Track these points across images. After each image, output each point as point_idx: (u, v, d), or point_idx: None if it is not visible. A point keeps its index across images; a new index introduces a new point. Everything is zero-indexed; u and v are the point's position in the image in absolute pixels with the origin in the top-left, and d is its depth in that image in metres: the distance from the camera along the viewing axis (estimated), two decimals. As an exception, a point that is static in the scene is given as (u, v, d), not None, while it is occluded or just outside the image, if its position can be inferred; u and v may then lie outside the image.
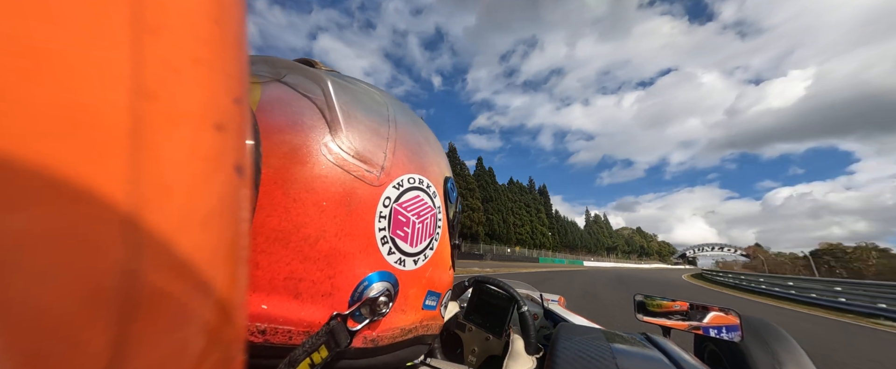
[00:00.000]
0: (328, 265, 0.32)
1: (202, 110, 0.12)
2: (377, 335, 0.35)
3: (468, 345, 0.83)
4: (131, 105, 0.10)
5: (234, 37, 0.14)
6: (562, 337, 0.56)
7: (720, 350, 1.20)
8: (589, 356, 0.48)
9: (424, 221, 0.39)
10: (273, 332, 0.30)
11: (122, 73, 0.10)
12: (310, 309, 0.31)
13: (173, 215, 0.11)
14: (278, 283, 0.30)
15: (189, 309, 0.12)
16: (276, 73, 0.37)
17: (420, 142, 0.43)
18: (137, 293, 0.10)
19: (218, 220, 0.13)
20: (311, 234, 0.31)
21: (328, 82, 0.36)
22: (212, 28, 0.13)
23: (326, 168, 0.33)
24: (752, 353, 1.07)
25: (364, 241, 0.34)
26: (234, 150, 0.14)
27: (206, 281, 0.12)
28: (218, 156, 0.13)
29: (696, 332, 1.05)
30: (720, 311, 1.04)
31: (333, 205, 0.32)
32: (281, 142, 0.32)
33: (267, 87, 0.35)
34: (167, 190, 0.11)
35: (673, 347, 0.58)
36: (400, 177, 0.37)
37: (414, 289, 0.39)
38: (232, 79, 0.14)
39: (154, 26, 0.11)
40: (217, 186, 0.13)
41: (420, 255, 0.39)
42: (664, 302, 1.15)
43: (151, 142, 0.10)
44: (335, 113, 0.34)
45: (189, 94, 0.12)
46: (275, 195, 0.31)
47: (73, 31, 0.09)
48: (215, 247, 0.13)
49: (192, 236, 0.12)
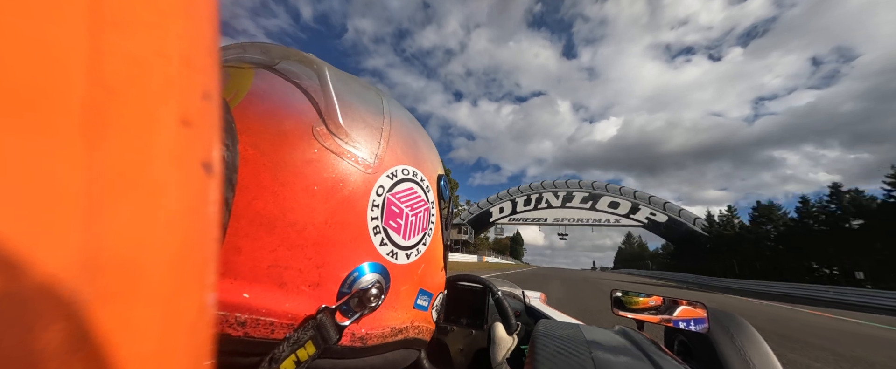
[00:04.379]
0: (317, 253, 0.30)
1: (166, 105, 0.12)
2: (366, 333, 0.33)
3: (454, 345, 0.82)
4: (88, 98, 0.10)
5: (202, 29, 0.13)
6: (541, 332, 0.58)
7: (689, 340, 1.26)
8: (567, 351, 0.49)
9: (418, 215, 0.39)
10: (254, 324, 0.28)
11: (77, 65, 0.09)
12: (295, 300, 0.29)
13: (136, 217, 0.11)
14: (262, 271, 0.28)
15: (151, 311, 0.11)
16: (270, 59, 0.36)
17: (415, 138, 0.42)
18: (96, 296, 0.10)
19: (184, 220, 0.12)
20: (299, 220, 0.30)
21: (325, 70, 0.35)
22: (178, 20, 0.12)
23: (318, 152, 0.32)
24: (719, 343, 1.13)
25: (355, 230, 0.33)
26: (201, 147, 0.13)
27: (170, 282, 0.12)
28: (183, 153, 0.12)
29: (667, 325, 1.10)
30: (689, 305, 1.10)
31: (324, 191, 0.31)
32: (271, 126, 0.31)
33: (259, 72, 0.34)
34: (127, 188, 0.11)
35: (645, 339, 0.61)
36: (394, 167, 0.37)
37: (406, 286, 0.37)
38: (200, 73, 0.13)
39: (114, 17, 0.10)
40: (183, 185, 0.12)
41: (413, 250, 0.38)
42: (639, 298, 1.20)
43: (109, 137, 0.10)
44: (331, 99, 0.34)
45: (151, 88, 0.11)
46: (262, 177, 0.29)
47: (25, 20, 0.09)
48: (181, 247, 0.12)
49: (156, 237, 0.11)
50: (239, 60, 0.36)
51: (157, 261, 0.11)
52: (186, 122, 0.12)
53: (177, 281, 0.12)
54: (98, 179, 0.10)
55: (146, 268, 0.11)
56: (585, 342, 0.53)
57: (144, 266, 0.11)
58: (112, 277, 0.10)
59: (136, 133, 0.11)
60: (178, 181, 0.12)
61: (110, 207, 0.10)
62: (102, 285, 0.10)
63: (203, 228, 0.14)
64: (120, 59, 0.10)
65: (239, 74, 0.34)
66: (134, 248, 0.11)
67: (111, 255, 0.10)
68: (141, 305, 0.11)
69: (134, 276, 0.11)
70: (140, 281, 0.11)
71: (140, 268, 0.11)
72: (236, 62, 0.35)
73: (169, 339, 0.12)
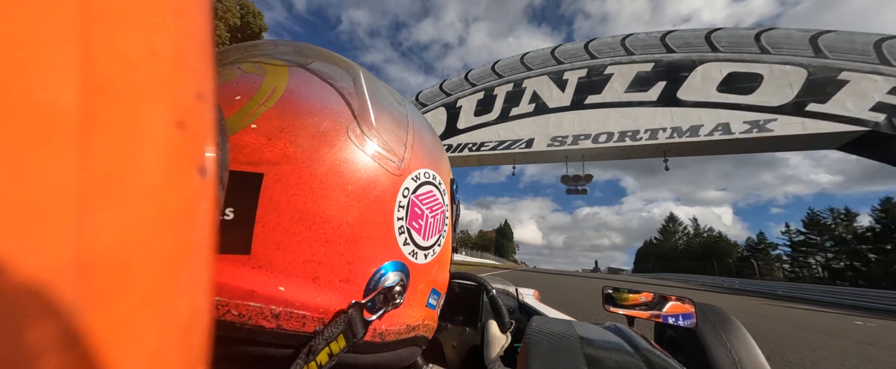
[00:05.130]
0: (348, 250, 0.32)
1: (160, 106, 0.12)
2: (385, 329, 0.35)
3: (447, 342, 0.84)
4: (80, 99, 0.09)
5: (196, 29, 0.13)
6: (534, 328, 0.60)
7: (678, 335, 1.31)
8: (559, 346, 0.52)
9: (436, 216, 0.40)
10: (287, 317, 0.29)
11: (69, 65, 0.09)
12: (327, 294, 0.31)
13: (127, 218, 0.11)
14: (298, 265, 0.30)
15: (143, 313, 0.11)
16: (303, 59, 0.37)
17: (433, 142, 0.44)
18: (87, 297, 0.10)
19: (177, 224, 0.12)
20: (335, 217, 0.31)
21: (360, 73, 0.36)
22: (171, 19, 0.12)
23: (353, 153, 0.33)
24: (706, 337, 1.19)
25: (383, 229, 0.34)
26: (196, 149, 0.13)
27: (163, 285, 0.12)
28: (178, 155, 0.12)
29: (657, 320, 1.15)
30: (677, 301, 1.15)
31: (358, 190, 0.33)
32: (310, 124, 0.32)
33: (294, 70, 0.35)
34: (120, 191, 0.10)
35: (635, 335, 0.64)
36: (417, 171, 0.38)
37: (422, 285, 0.39)
38: (195, 73, 0.13)
39: (106, 16, 0.10)
40: (177, 187, 0.12)
41: (430, 250, 0.39)
42: (630, 294, 1.24)
43: (102, 139, 0.10)
44: (365, 102, 0.35)
45: (144, 89, 0.11)
46: (302, 175, 0.30)
47: (14, 19, 0.09)
48: (174, 249, 0.12)
49: (149, 238, 0.11)
50: (271, 57, 0.37)
51: (149, 262, 0.11)
52: (181, 124, 0.12)
53: (170, 284, 0.12)
54: (90, 180, 0.10)
55: (139, 269, 0.11)
56: (577, 338, 0.55)
57: (137, 268, 0.11)
58: (104, 279, 0.10)
59: (128, 134, 0.11)
60: (172, 183, 0.12)
61: (102, 208, 0.10)
62: (94, 286, 0.10)
63: (197, 230, 0.14)
64: (111, 58, 0.10)
65: (274, 71, 0.35)
66: (126, 250, 0.11)
67: (103, 257, 0.10)
68: (133, 307, 0.11)
69: (126, 278, 0.11)
70: (132, 282, 0.11)
71: (132, 269, 0.11)
72: (269, 59, 0.36)
73: (161, 342, 0.12)
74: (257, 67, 0.35)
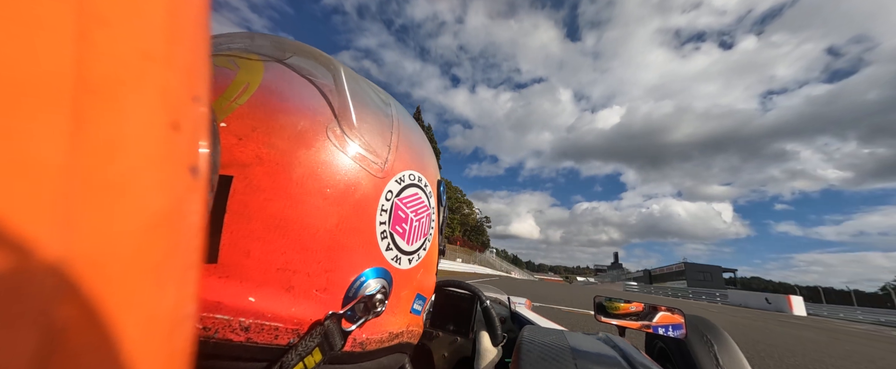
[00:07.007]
0: (326, 257, 0.30)
1: (154, 108, 0.11)
2: (366, 338, 0.33)
3: (438, 351, 0.82)
4: (72, 99, 0.09)
5: (192, 30, 0.13)
6: (526, 338, 0.60)
7: (668, 346, 1.31)
8: (550, 356, 0.51)
9: (421, 220, 0.39)
10: (258, 329, 0.27)
11: (61, 65, 0.09)
12: (302, 304, 0.29)
13: (117, 218, 0.11)
14: (271, 274, 0.28)
15: (126, 316, 0.11)
16: (280, 54, 0.35)
17: (419, 142, 0.42)
18: (71, 296, 0.10)
19: (167, 224, 0.12)
20: (312, 224, 0.29)
21: (341, 70, 0.35)
22: (167, 20, 0.12)
23: (333, 154, 0.31)
24: (695, 348, 1.18)
25: (365, 235, 0.32)
26: (189, 150, 0.13)
27: (148, 288, 0.12)
28: (171, 157, 0.12)
29: (647, 331, 1.14)
30: (667, 311, 1.14)
31: (338, 194, 0.31)
32: (286, 123, 0.30)
33: (270, 66, 0.33)
34: (112, 191, 0.10)
35: (627, 345, 0.64)
36: (402, 173, 0.37)
37: (406, 291, 0.38)
38: (190, 75, 0.13)
39: (100, 16, 0.10)
40: (168, 188, 0.12)
41: (414, 255, 0.38)
42: (621, 304, 1.24)
43: (94, 140, 0.10)
44: (345, 100, 0.33)
45: (138, 91, 0.11)
46: (277, 178, 0.28)
47: (7, 20, 0.08)
48: (163, 252, 0.12)
49: (137, 242, 0.11)
50: (246, 51, 0.34)
51: (136, 265, 0.11)
52: (176, 126, 0.12)
53: (155, 287, 0.12)
54: (79, 180, 0.10)
55: (126, 271, 0.11)
56: (569, 348, 0.55)
57: (123, 270, 0.11)
58: (89, 280, 0.10)
59: (121, 135, 0.11)
60: (164, 185, 0.12)
61: (91, 208, 0.10)
62: (79, 286, 0.10)
63: (186, 233, 0.13)
64: (105, 58, 0.10)
65: (248, 66, 0.32)
66: (113, 252, 0.11)
67: (90, 258, 0.10)
68: (116, 309, 0.11)
69: (111, 280, 0.11)
70: (117, 284, 0.11)
71: (119, 271, 0.11)
72: (244, 53, 0.34)
73: (144, 346, 0.12)
74: (230, 62, 0.33)
